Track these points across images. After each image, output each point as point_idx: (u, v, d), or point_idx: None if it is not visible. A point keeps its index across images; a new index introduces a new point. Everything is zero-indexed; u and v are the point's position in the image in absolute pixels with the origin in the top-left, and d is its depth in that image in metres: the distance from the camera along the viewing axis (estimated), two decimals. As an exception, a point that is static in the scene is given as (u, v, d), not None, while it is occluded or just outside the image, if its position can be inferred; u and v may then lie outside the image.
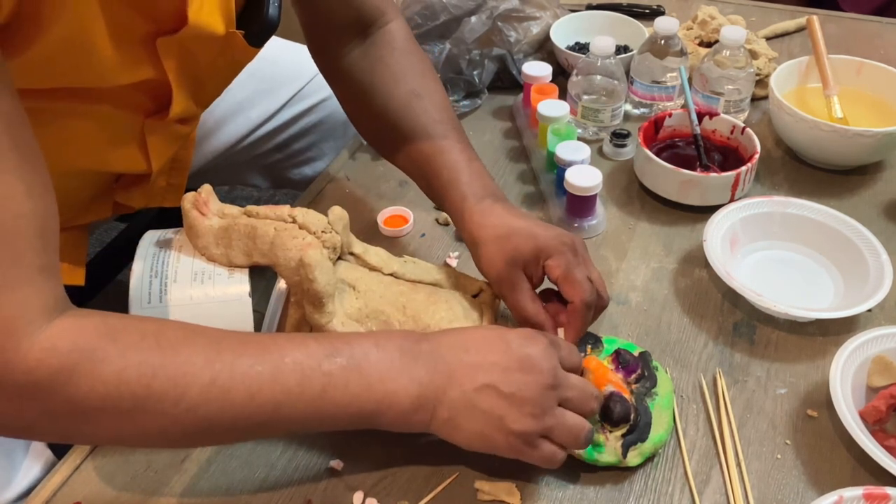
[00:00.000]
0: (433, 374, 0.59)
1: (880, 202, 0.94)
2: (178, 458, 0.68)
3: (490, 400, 0.59)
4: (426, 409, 0.59)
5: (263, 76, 1.08)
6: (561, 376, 0.61)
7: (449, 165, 0.77)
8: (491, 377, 0.59)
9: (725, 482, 0.66)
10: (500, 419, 0.59)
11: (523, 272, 0.70)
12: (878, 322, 0.79)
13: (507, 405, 0.59)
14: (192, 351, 0.55)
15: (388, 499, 0.65)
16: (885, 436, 0.67)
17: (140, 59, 0.70)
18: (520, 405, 0.59)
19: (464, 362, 0.60)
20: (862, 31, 1.27)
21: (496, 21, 1.10)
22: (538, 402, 0.59)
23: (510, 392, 0.59)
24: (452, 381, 0.59)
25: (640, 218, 0.93)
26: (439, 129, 0.79)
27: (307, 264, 0.65)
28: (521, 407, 0.59)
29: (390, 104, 0.81)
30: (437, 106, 0.81)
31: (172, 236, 0.70)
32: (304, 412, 0.57)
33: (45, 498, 0.66)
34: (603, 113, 1.02)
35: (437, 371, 0.59)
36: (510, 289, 0.70)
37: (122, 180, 0.86)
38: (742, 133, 0.95)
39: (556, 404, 0.60)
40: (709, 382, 0.74)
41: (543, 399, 0.59)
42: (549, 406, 0.60)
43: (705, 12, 1.18)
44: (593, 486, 0.66)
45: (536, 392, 0.59)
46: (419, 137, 0.79)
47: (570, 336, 0.70)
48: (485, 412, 0.59)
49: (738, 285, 0.78)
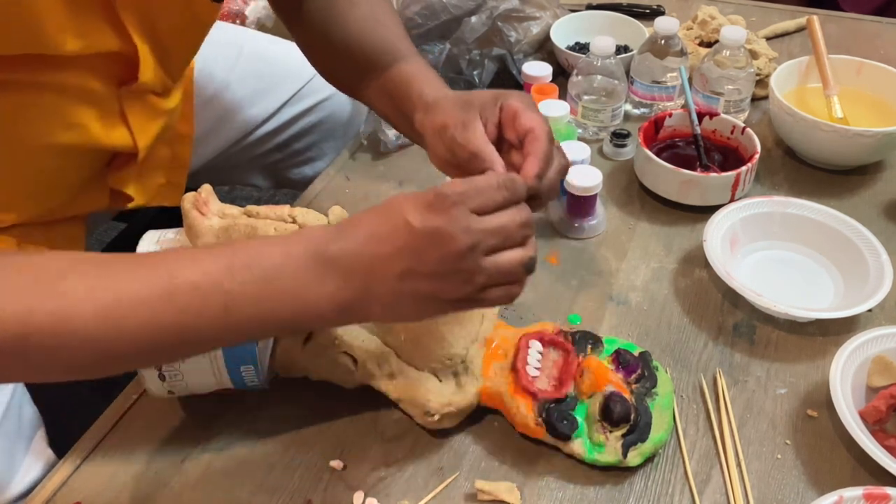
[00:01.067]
0: (350, 274, 0.56)
1: (880, 202, 0.94)
2: (178, 458, 0.68)
3: (415, 284, 0.56)
4: (353, 310, 0.57)
5: (263, 76, 1.08)
6: (477, 231, 0.57)
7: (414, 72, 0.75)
8: (407, 263, 0.56)
9: (725, 482, 0.66)
10: (433, 297, 0.57)
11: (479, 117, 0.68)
12: (878, 322, 0.79)
13: (433, 283, 0.57)
14: (75, 280, 0.53)
15: (388, 499, 0.65)
16: (885, 436, 0.67)
17: (97, 25, 0.69)
18: (445, 279, 0.57)
19: (376, 255, 0.56)
20: (862, 31, 1.27)
21: (496, 21, 1.10)
22: (462, 269, 0.56)
23: (431, 271, 0.56)
24: (372, 277, 0.56)
25: (640, 218, 0.93)
26: (401, 47, 0.78)
27: (307, 264, 0.65)
28: (448, 280, 0.57)
29: (348, 30, 0.80)
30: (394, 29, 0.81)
31: (172, 236, 0.70)
32: (214, 331, 0.55)
33: (45, 498, 0.66)
34: (603, 113, 1.02)
35: (354, 271, 0.56)
36: (462, 129, 0.67)
37: (113, 163, 0.86)
38: (742, 133, 0.95)
39: (483, 258, 0.57)
40: (709, 382, 0.74)
41: (466, 263, 0.56)
42: (474, 266, 0.57)
43: (705, 12, 1.18)
44: (593, 486, 0.66)
45: (456, 261, 0.56)
46: (380, 59, 0.78)
47: (532, 166, 0.64)
48: (416, 296, 0.57)
49: (738, 285, 0.78)
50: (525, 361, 0.69)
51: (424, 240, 0.56)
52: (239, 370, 0.66)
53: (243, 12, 1.66)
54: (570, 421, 0.66)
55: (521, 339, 0.71)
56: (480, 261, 0.57)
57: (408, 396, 0.67)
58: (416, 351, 0.69)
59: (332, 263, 0.56)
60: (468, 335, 0.70)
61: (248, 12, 1.67)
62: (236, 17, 1.65)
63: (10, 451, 0.74)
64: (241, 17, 1.66)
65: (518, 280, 0.60)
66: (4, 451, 0.73)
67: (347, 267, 0.56)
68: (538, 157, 0.64)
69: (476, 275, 0.57)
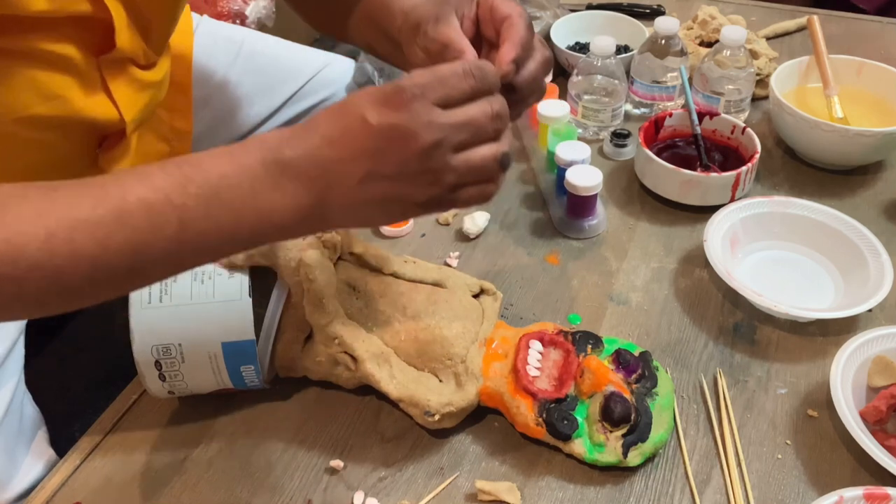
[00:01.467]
0: (308, 180, 0.53)
1: (880, 202, 0.94)
2: (178, 458, 0.68)
3: (379, 188, 0.53)
4: (314, 218, 0.54)
5: (263, 75, 1.08)
6: (442, 126, 0.52)
7: None
8: (367, 166, 0.52)
9: (726, 482, 0.66)
10: (399, 200, 0.54)
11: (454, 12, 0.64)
12: (878, 322, 0.79)
13: (398, 186, 0.53)
14: (22, 205, 0.50)
15: (388, 499, 0.65)
16: (886, 436, 0.67)
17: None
18: (410, 180, 0.53)
19: (334, 158, 0.53)
20: (862, 31, 1.27)
21: (496, 21, 1.10)
22: (427, 168, 0.52)
23: (394, 173, 0.52)
24: (331, 182, 0.53)
25: (641, 218, 0.93)
26: None
27: (307, 264, 0.65)
28: (413, 181, 0.53)
29: None
30: None
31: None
32: (171, 250, 0.52)
33: (45, 498, 0.66)
34: (603, 113, 1.02)
35: (311, 177, 0.53)
36: (434, 23, 0.63)
37: (104, 144, 0.85)
38: (742, 133, 0.95)
39: (450, 156, 0.53)
40: (709, 382, 0.74)
41: (432, 162, 0.52)
42: (441, 164, 0.53)
43: (706, 12, 1.18)
44: (593, 486, 0.66)
45: (420, 160, 0.52)
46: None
47: (507, 52, 0.60)
48: (382, 202, 0.54)
49: (738, 285, 0.78)
50: (525, 361, 0.69)
51: (383, 139, 0.52)
52: (239, 370, 0.66)
53: (243, 12, 1.67)
54: (570, 421, 0.66)
55: (522, 339, 0.71)
56: (448, 158, 0.53)
57: (408, 396, 0.67)
58: (417, 351, 0.69)
59: (287, 170, 0.53)
60: (468, 335, 0.70)
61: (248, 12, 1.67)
62: (236, 17, 1.65)
63: (11, 451, 0.74)
64: (241, 17, 1.66)
65: (492, 178, 0.56)
66: (5, 451, 0.73)
67: (304, 173, 0.53)
68: (514, 42, 0.60)
69: (444, 174, 0.53)
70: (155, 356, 0.65)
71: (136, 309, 0.65)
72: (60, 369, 1.48)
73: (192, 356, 0.65)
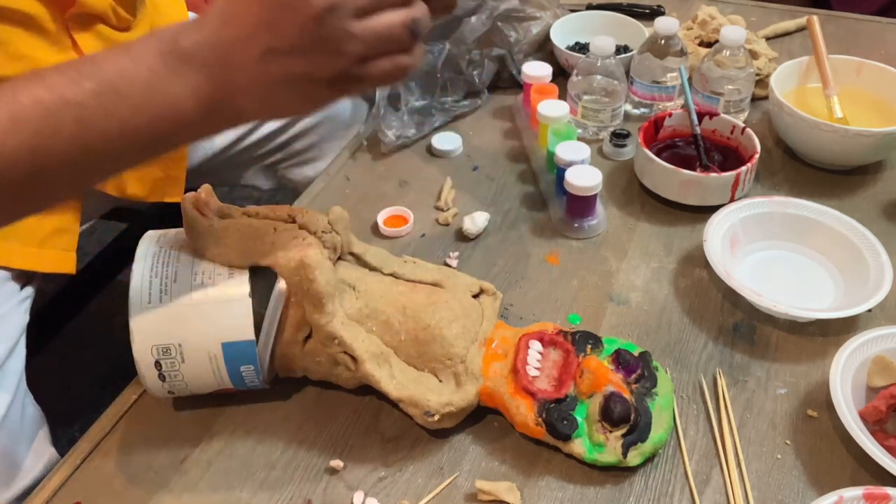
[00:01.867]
0: (205, 67, 0.51)
1: (880, 202, 0.94)
2: (178, 458, 0.68)
3: (280, 65, 0.50)
4: (221, 109, 0.52)
5: None
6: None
7: None
8: (264, 41, 0.50)
9: (725, 482, 0.66)
10: (306, 77, 0.51)
11: None
12: (878, 322, 0.79)
13: (300, 61, 0.50)
14: None
15: (388, 499, 0.65)
16: (885, 436, 0.67)
17: None
18: (311, 53, 0.50)
19: (230, 39, 0.51)
20: (862, 31, 1.27)
21: (496, 21, 1.10)
22: (326, 36, 0.50)
23: (292, 45, 0.50)
24: (231, 64, 0.51)
25: (640, 218, 0.93)
26: None
27: (307, 265, 0.65)
28: (315, 54, 0.50)
29: None
30: None
31: (173, 236, 0.70)
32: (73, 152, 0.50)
33: (45, 498, 0.66)
34: (603, 113, 1.02)
35: (209, 62, 0.51)
36: None
37: None
38: (742, 133, 0.95)
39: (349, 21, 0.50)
40: (709, 382, 0.74)
41: (329, 29, 0.50)
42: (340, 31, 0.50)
43: (705, 12, 1.18)
44: (593, 486, 0.66)
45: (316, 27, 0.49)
46: None
47: None
48: (286, 80, 0.51)
49: (738, 285, 0.78)
50: (525, 361, 0.69)
51: (275, 9, 0.49)
52: (239, 370, 0.66)
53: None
54: (570, 421, 0.66)
55: (521, 339, 0.71)
56: (347, 25, 0.50)
57: (407, 396, 0.67)
58: (416, 351, 0.69)
59: (185, 58, 0.51)
60: (468, 335, 0.70)
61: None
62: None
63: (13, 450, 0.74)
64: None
65: (404, 47, 0.52)
66: (6, 450, 0.74)
67: (201, 59, 0.51)
68: None
69: (345, 42, 0.50)
70: (155, 356, 0.65)
71: (137, 309, 0.65)
72: (61, 368, 1.48)
73: (191, 356, 0.65)
